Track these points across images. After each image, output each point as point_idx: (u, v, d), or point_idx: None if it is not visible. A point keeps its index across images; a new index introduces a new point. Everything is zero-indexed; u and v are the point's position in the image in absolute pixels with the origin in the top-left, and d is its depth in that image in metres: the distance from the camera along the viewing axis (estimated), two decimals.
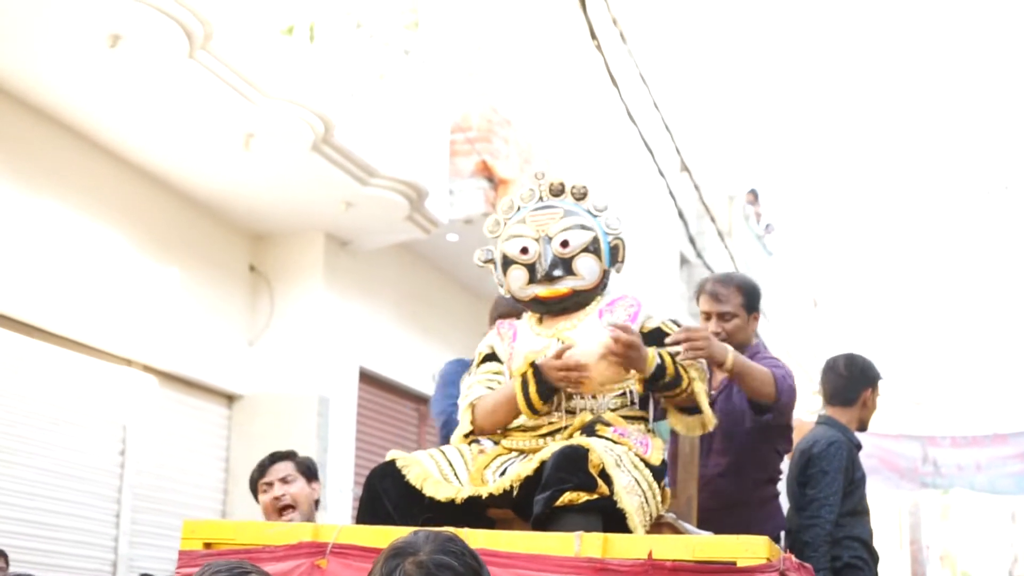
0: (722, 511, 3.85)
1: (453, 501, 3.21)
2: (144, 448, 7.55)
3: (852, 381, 4.58)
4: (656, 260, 12.77)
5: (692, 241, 12.41)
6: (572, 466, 3.08)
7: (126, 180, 7.42)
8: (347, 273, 8.77)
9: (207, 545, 3.20)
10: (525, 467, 3.21)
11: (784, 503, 4.36)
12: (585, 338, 3.37)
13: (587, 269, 3.47)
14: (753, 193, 16.86)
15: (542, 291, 3.47)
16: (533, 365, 3.36)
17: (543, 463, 3.18)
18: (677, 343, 3.46)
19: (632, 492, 3.15)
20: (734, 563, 2.86)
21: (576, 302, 3.48)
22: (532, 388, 3.34)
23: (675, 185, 10.93)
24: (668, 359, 3.39)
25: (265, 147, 7.14)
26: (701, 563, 2.86)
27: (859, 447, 4.51)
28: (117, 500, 7.33)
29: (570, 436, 3.32)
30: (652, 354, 3.36)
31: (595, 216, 3.56)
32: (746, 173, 17.18)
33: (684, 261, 13.97)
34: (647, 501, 3.22)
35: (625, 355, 3.30)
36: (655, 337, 3.46)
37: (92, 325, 7.10)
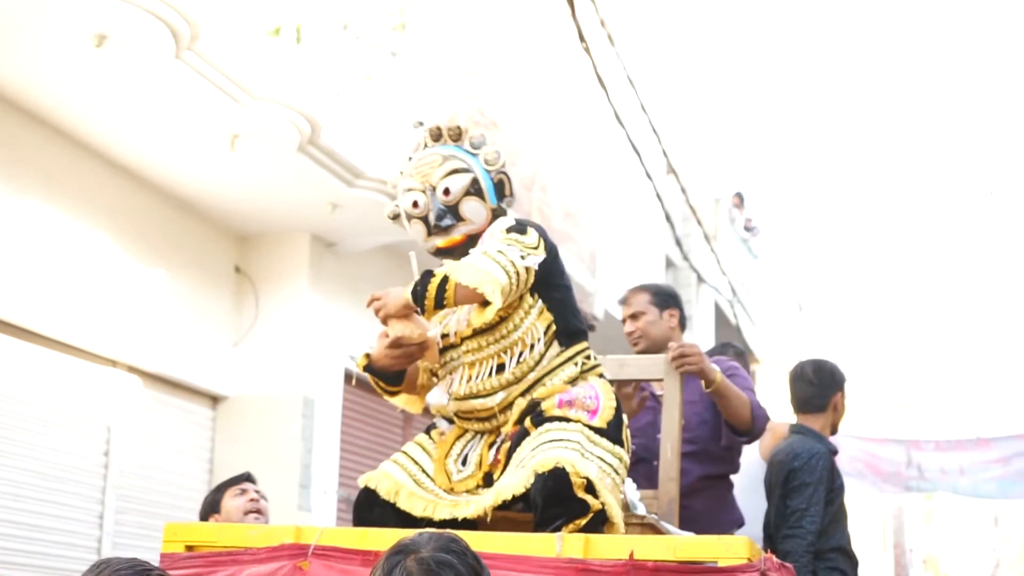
0: (682, 496, 3.91)
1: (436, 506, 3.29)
2: (128, 449, 7.53)
3: (822, 388, 4.60)
4: (642, 262, 12.78)
5: (678, 243, 12.43)
6: (558, 497, 3.09)
7: (111, 180, 7.40)
8: (333, 274, 8.76)
9: (189, 547, 3.20)
10: (497, 495, 3.19)
11: (740, 499, 4.42)
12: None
13: (474, 212, 3.49)
14: (739, 196, 16.88)
15: (440, 242, 3.53)
16: (368, 366, 3.64)
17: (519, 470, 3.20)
18: (674, 359, 3.86)
19: (603, 476, 3.17)
20: (715, 563, 2.88)
21: (472, 248, 3.47)
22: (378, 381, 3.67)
23: (662, 187, 10.95)
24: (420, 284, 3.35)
25: (251, 148, 7.13)
26: (682, 563, 2.87)
27: (835, 452, 4.56)
28: (101, 501, 7.31)
29: (517, 420, 3.34)
30: (404, 291, 3.40)
31: (473, 155, 3.53)
32: (732, 176, 17.21)
33: (670, 264, 13.99)
34: (616, 472, 3.25)
35: (378, 312, 3.49)
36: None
37: (76, 326, 7.08)
